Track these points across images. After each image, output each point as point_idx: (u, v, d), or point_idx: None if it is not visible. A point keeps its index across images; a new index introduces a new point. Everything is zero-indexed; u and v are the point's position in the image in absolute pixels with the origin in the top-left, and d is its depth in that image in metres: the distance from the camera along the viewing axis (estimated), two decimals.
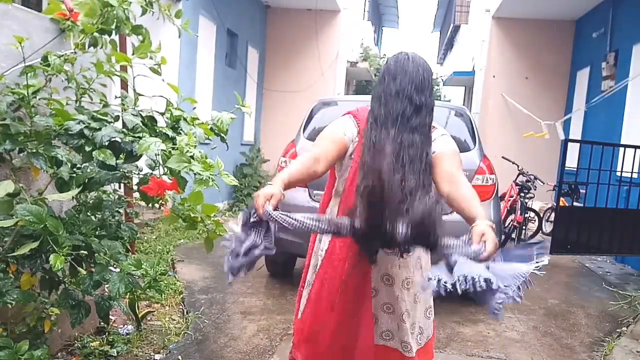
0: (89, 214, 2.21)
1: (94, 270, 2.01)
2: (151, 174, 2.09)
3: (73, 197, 2.04)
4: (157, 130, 2.05)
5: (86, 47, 2.24)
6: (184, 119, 2.11)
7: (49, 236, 1.78)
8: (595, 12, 8.46)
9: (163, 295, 3.58)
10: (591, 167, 4.90)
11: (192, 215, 2.06)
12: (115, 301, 2.17)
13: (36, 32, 2.31)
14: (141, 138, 1.89)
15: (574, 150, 5.13)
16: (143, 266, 2.02)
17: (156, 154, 1.98)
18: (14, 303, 1.83)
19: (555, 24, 9.48)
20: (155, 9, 2.41)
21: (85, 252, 1.98)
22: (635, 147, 4.90)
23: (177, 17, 2.45)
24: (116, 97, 2.38)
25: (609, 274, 5.68)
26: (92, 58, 2.26)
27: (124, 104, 2.18)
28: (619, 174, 4.97)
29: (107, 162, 1.88)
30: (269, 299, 3.98)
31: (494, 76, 9.93)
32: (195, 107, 2.44)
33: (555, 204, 5.65)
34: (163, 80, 2.30)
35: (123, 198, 2.51)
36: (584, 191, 5.77)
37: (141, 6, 2.35)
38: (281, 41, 10.25)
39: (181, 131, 2.07)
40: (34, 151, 1.90)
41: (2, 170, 2.08)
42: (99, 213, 2.25)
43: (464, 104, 15.06)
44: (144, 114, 2.10)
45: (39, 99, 2.05)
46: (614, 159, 4.89)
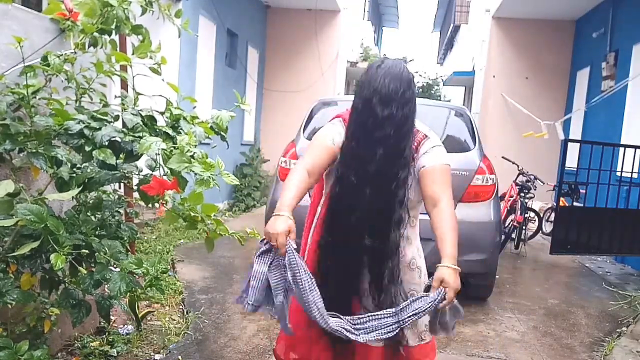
0: (89, 213, 2.21)
1: (94, 269, 2.01)
2: (151, 174, 2.09)
3: (73, 197, 2.04)
4: (157, 130, 2.05)
5: (86, 47, 2.24)
6: (184, 118, 2.11)
7: (49, 236, 1.78)
8: (595, 12, 8.46)
9: (163, 295, 3.58)
10: (591, 167, 4.90)
11: (192, 215, 2.06)
12: (116, 300, 2.17)
13: (36, 32, 2.31)
14: (141, 138, 1.89)
15: (574, 150, 5.13)
16: (143, 265, 2.02)
17: (156, 153, 1.98)
18: (14, 303, 1.82)
19: (555, 24, 9.48)
20: (155, 8, 2.41)
21: (86, 252, 1.98)
22: (635, 147, 4.90)
23: (177, 17, 2.45)
24: (116, 97, 2.38)
25: (609, 274, 5.68)
26: (92, 58, 2.26)
27: (123, 104, 2.18)
28: (619, 174, 4.97)
29: (107, 162, 1.88)
30: None
31: (494, 76, 9.93)
32: (195, 107, 2.44)
33: (555, 204, 5.65)
34: (163, 80, 2.30)
35: (123, 198, 2.51)
36: (584, 191, 5.77)
37: (141, 6, 2.35)
38: (281, 41, 10.24)
39: (181, 130, 2.07)
40: (34, 151, 1.90)
41: (2, 170, 2.08)
42: (99, 213, 2.25)
43: (464, 104, 15.06)
44: (143, 113, 2.10)
45: (39, 99, 2.04)
46: (614, 159, 4.89)
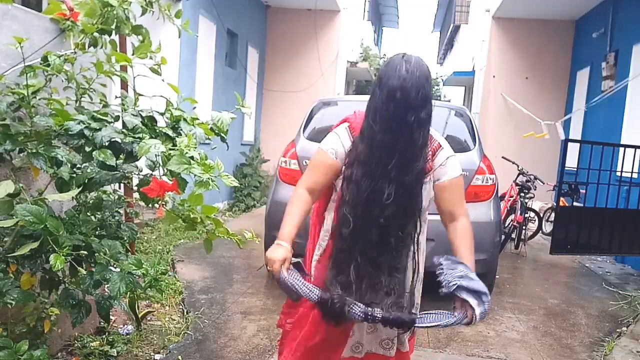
0: (89, 214, 2.21)
1: (94, 270, 2.01)
2: (151, 174, 2.09)
3: (73, 197, 2.04)
4: (157, 131, 2.04)
5: (86, 47, 2.24)
6: (184, 119, 2.11)
7: (49, 236, 1.78)
8: (595, 12, 8.46)
9: (163, 295, 3.58)
10: (591, 167, 4.90)
11: (191, 216, 2.05)
12: (115, 300, 2.17)
13: (36, 32, 2.31)
14: (141, 139, 1.89)
15: (574, 150, 5.13)
16: (143, 266, 2.02)
17: (156, 155, 1.98)
18: (14, 303, 1.83)
19: (555, 24, 9.48)
20: (155, 9, 2.42)
21: (85, 252, 1.98)
22: (635, 147, 4.90)
23: (177, 17, 2.45)
24: (116, 97, 2.38)
25: (609, 274, 5.68)
26: (92, 58, 2.26)
27: (124, 104, 2.18)
28: (619, 174, 4.97)
29: (107, 163, 1.88)
30: (269, 299, 3.98)
31: (494, 76, 9.93)
32: (195, 107, 2.44)
33: (555, 204, 5.65)
34: (163, 80, 2.30)
35: (123, 198, 2.51)
36: (584, 191, 5.77)
37: (141, 6, 2.35)
38: (281, 41, 10.25)
39: (181, 131, 2.06)
40: (34, 151, 1.90)
41: (2, 170, 2.08)
42: (99, 213, 2.25)
43: (464, 104, 15.06)
44: (144, 114, 2.10)
45: (39, 99, 2.05)
46: (614, 159, 4.89)
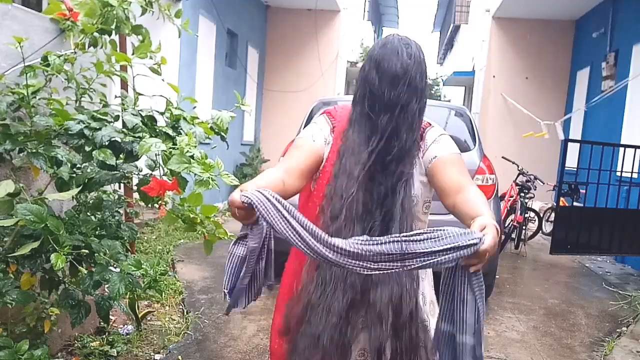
0: (89, 214, 2.21)
1: (94, 270, 2.01)
2: (151, 174, 2.09)
3: (73, 197, 2.04)
4: (157, 130, 2.04)
5: (86, 47, 2.24)
6: (184, 119, 2.11)
7: (49, 236, 1.78)
8: (595, 12, 8.46)
9: (163, 295, 3.58)
10: (591, 167, 4.90)
11: (191, 216, 2.05)
12: (115, 301, 2.17)
13: (36, 32, 2.31)
14: (141, 138, 1.89)
15: (574, 150, 5.13)
16: (143, 266, 2.02)
17: (156, 154, 1.97)
18: (14, 303, 1.82)
19: (555, 24, 9.48)
20: (155, 9, 2.41)
21: (86, 252, 1.98)
22: (635, 147, 4.90)
23: (177, 17, 2.45)
24: (116, 97, 2.38)
25: (609, 274, 5.68)
26: (92, 58, 2.26)
27: (124, 104, 2.18)
28: (619, 174, 4.97)
29: (107, 162, 1.88)
30: (269, 299, 3.98)
31: (494, 76, 9.93)
32: (195, 107, 2.44)
33: (555, 204, 5.65)
34: (163, 80, 2.30)
35: (123, 198, 2.51)
36: (584, 191, 5.77)
37: (141, 6, 2.35)
38: (281, 41, 10.25)
39: (181, 130, 2.06)
40: (34, 151, 1.90)
41: (2, 170, 2.08)
42: (99, 213, 2.25)
43: (464, 104, 15.06)
44: (144, 113, 2.10)
45: (39, 99, 2.05)
46: (614, 159, 4.89)
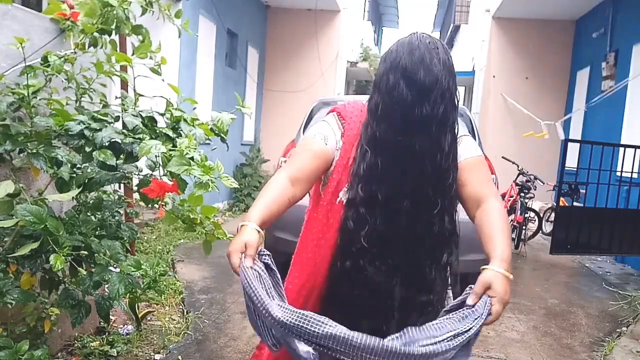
0: (89, 214, 2.21)
1: (94, 270, 2.01)
2: (151, 175, 2.09)
3: (73, 198, 2.04)
4: (158, 131, 2.04)
5: (86, 47, 2.24)
6: (184, 120, 2.11)
7: (49, 236, 1.78)
8: (595, 12, 8.46)
9: (163, 295, 3.58)
10: (591, 167, 4.90)
11: (191, 217, 2.05)
12: (115, 301, 2.17)
13: (36, 32, 2.31)
14: (142, 139, 1.89)
15: (574, 150, 5.13)
16: (143, 266, 2.02)
17: (156, 155, 1.97)
18: (14, 303, 1.82)
19: (555, 24, 9.48)
20: (155, 9, 2.41)
21: (85, 252, 1.98)
22: (635, 147, 4.90)
23: (177, 17, 2.45)
24: (116, 97, 2.38)
25: (609, 274, 5.68)
26: (92, 58, 2.26)
27: (124, 104, 2.18)
28: (619, 174, 4.97)
29: (107, 163, 1.88)
30: None
31: (494, 76, 9.93)
32: (195, 108, 2.44)
33: (555, 204, 5.65)
34: (163, 81, 2.30)
35: (123, 198, 2.51)
36: (584, 191, 5.77)
37: (141, 6, 2.35)
38: (281, 41, 10.25)
39: (181, 132, 2.06)
40: (34, 151, 1.90)
41: (2, 170, 2.08)
42: (99, 213, 2.25)
43: (464, 104, 15.06)
44: (144, 114, 2.10)
45: (39, 99, 2.04)
46: (614, 159, 4.89)
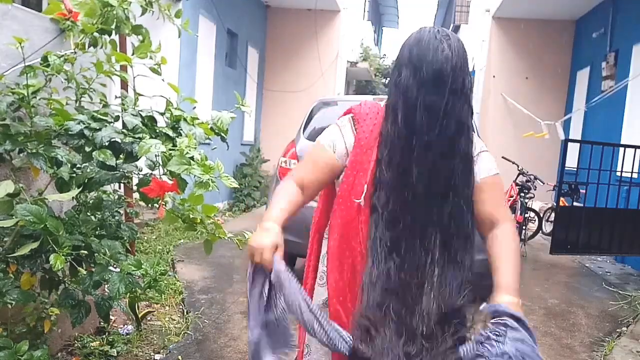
0: (89, 214, 2.21)
1: (94, 270, 2.01)
2: (151, 174, 2.09)
3: (73, 197, 2.04)
4: (157, 131, 2.04)
5: (86, 47, 2.24)
6: (184, 119, 2.11)
7: (49, 236, 1.78)
8: (595, 12, 8.46)
9: (163, 295, 3.58)
10: (591, 167, 4.90)
11: (191, 217, 2.05)
12: (115, 301, 2.17)
13: (36, 32, 2.31)
14: (141, 139, 1.89)
15: (574, 150, 5.13)
16: (143, 266, 2.02)
17: (156, 155, 1.97)
18: (14, 303, 1.82)
19: (555, 24, 9.48)
20: (155, 9, 2.41)
21: (85, 252, 1.98)
22: (635, 147, 4.90)
23: (177, 17, 2.45)
24: (116, 97, 2.38)
25: (609, 274, 5.68)
26: (92, 58, 2.25)
27: (124, 104, 2.18)
28: (619, 174, 4.97)
29: (107, 163, 1.88)
30: None
31: (494, 76, 9.93)
32: (195, 107, 2.44)
33: (555, 204, 5.65)
34: (163, 80, 2.30)
35: (123, 198, 2.51)
36: (584, 191, 5.77)
37: (141, 6, 2.35)
38: (281, 41, 10.25)
39: (181, 131, 2.06)
40: (34, 151, 1.90)
41: (2, 170, 2.08)
42: (99, 213, 2.25)
43: None
44: (144, 114, 2.10)
45: (39, 99, 2.04)
46: (614, 159, 4.89)
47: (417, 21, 59.45)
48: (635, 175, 5.04)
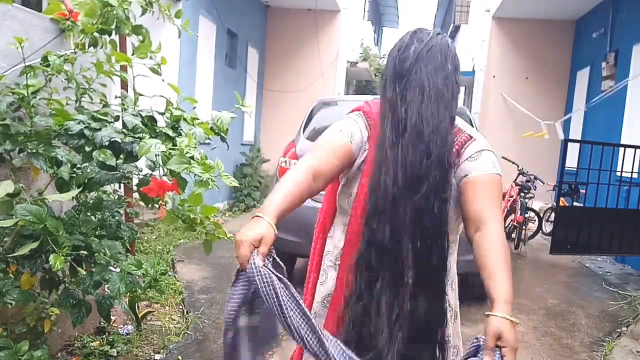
0: (89, 214, 2.21)
1: (94, 270, 2.01)
2: (151, 174, 2.09)
3: (73, 197, 2.04)
4: (157, 131, 2.04)
5: (86, 47, 2.24)
6: (184, 119, 2.11)
7: (49, 236, 1.78)
8: (595, 12, 8.46)
9: (163, 295, 3.58)
10: (591, 167, 4.90)
11: (191, 217, 2.05)
12: (116, 300, 2.17)
13: (36, 32, 2.31)
14: (141, 139, 1.89)
15: (574, 150, 5.14)
16: (143, 266, 2.02)
17: (156, 155, 1.97)
18: (14, 303, 1.82)
19: (555, 24, 9.48)
20: (155, 9, 2.41)
21: (85, 252, 1.98)
22: (635, 147, 4.90)
23: (177, 17, 2.45)
24: (116, 97, 2.38)
25: (609, 274, 5.68)
26: (92, 58, 2.25)
27: (124, 104, 2.18)
28: (619, 174, 4.97)
29: (107, 163, 1.88)
30: None
31: (494, 76, 9.93)
32: (195, 107, 2.44)
33: (555, 204, 5.65)
34: (163, 80, 2.30)
35: (123, 198, 2.51)
36: (584, 191, 5.78)
37: (141, 6, 2.35)
38: (281, 41, 10.25)
39: (181, 131, 2.06)
40: (34, 151, 1.90)
41: (2, 170, 2.08)
42: (99, 213, 2.25)
43: (464, 104, 15.06)
44: (144, 114, 2.10)
45: (39, 99, 2.04)
46: (614, 159, 4.89)
47: (417, 21, 59.47)
48: (635, 175, 5.04)
